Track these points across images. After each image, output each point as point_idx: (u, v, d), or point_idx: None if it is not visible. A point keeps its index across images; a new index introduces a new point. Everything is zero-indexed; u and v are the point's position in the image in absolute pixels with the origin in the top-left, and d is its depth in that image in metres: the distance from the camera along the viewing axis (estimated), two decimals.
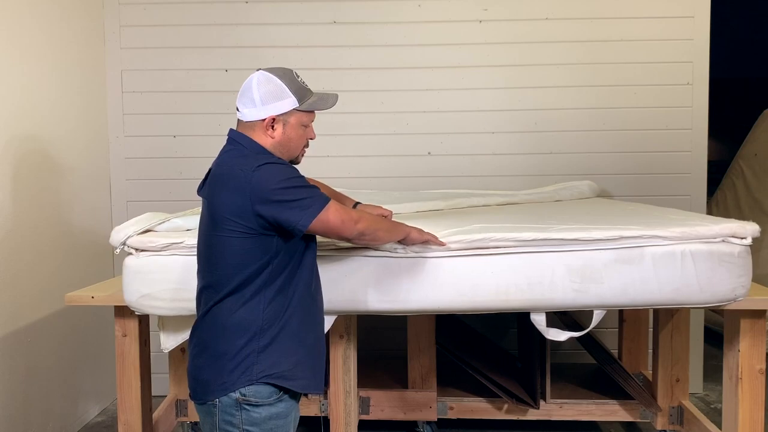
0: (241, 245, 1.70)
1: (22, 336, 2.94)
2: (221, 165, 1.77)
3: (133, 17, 3.81)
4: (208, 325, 1.75)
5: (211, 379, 1.72)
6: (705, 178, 3.80)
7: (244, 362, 1.70)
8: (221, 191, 1.72)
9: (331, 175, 3.75)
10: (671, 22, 3.73)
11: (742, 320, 2.30)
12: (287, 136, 1.80)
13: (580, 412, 3.02)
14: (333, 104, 1.88)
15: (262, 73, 1.80)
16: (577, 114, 3.80)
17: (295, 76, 1.82)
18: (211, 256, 1.75)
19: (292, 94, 1.78)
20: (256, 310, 1.71)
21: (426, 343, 3.04)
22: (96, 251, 3.60)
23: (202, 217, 1.81)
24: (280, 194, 1.68)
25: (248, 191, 1.67)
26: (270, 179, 1.68)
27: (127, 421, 2.45)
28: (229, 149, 1.80)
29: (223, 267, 1.73)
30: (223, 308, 1.72)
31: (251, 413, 1.71)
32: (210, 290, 1.76)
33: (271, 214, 1.67)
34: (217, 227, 1.72)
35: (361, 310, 2.21)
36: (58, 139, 3.29)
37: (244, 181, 1.68)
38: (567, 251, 2.13)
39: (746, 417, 2.31)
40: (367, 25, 3.80)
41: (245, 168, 1.69)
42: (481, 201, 3.13)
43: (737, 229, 2.14)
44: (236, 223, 1.69)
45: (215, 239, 1.73)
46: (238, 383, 1.70)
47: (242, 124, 1.82)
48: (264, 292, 1.72)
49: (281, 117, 1.78)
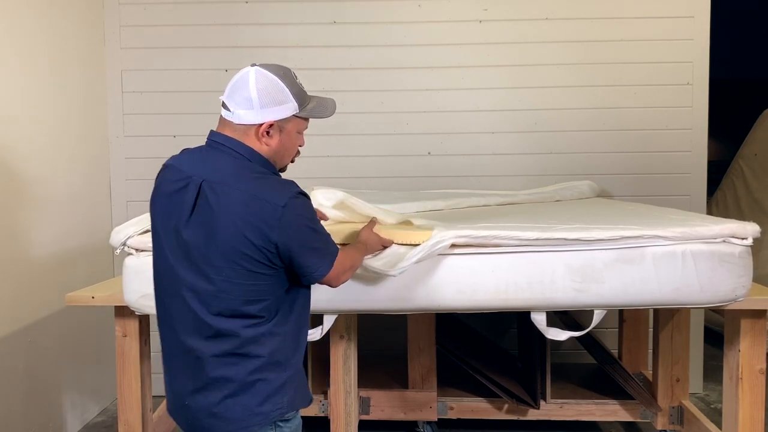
0: (257, 279, 1.55)
1: (22, 336, 2.94)
2: (234, 186, 1.52)
3: (133, 17, 3.80)
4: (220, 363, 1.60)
5: (245, 416, 1.60)
6: (705, 178, 3.80)
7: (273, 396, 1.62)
8: (238, 220, 1.51)
9: (331, 175, 3.76)
10: (671, 22, 3.73)
11: (743, 320, 2.30)
12: (283, 144, 1.63)
13: (581, 412, 3.02)
14: (332, 113, 1.74)
15: (259, 71, 1.59)
16: (577, 114, 3.80)
17: (294, 77, 1.65)
18: (211, 293, 1.56)
19: (293, 97, 1.61)
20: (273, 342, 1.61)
21: (426, 343, 3.04)
22: (96, 251, 3.60)
23: (188, 245, 1.56)
24: (308, 237, 1.57)
25: (276, 227, 1.50)
26: (302, 216, 1.55)
27: (127, 421, 2.45)
28: (227, 160, 1.58)
29: (236, 301, 1.56)
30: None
31: (284, 429, 1.66)
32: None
33: (291, 254, 1.55)
34: (228, 258, 1.53)
35: (362, 309, 2.22)
36: (57, 139, 3.29)
37: (272, 215, 1.50)
38: (568, 251, 2.13)
39: (746, 417, 2.32)
40: (367, 25, 3.79)
41: (273, 200, 1.51)
42: (481, 201, 3.13)
43: (737, 230, 2.14)
44: (255, 257, 1.53)
45: (217, 277, 1.54)
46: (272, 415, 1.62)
47: (230, 125, 1.61)
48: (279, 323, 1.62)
49: (278, 123, 1.61)
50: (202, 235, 1.54)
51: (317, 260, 1.59)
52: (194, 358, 1.59)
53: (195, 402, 1.61)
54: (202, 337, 1.58)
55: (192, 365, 1.60)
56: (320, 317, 2.31)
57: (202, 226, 1.54)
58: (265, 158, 1.62)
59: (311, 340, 2.32)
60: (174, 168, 1.63)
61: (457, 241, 2.12)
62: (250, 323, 1.57)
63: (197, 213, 1.55)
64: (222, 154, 1.59)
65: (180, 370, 1.64)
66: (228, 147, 1.59)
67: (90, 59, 3.67)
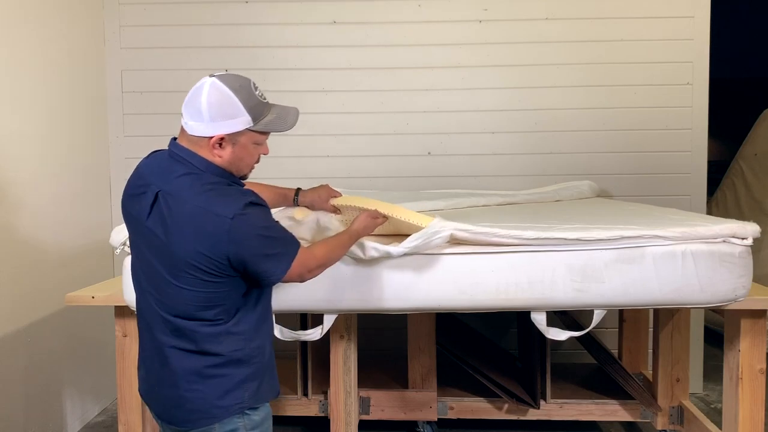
0: (210, 288, 1.59)
1: (22, 336, 2.94)
2: (185, 200, 1.56)
3: (133, 17, 3.80)
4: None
5: (206, 406, 1.66)
6: (705, 178, 3.80)
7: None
8: (187, 234, 1.54)
9: (331, 175, 3.76)
10: (671, 22, 3.73)
11: (743, 320, 2.30)
12: (236, 155, 1.63)
13: (581, 412, 3.02)
14: (292, 125, 1.70)
15: (214, 83, 1.59)
16: (577, 114, 3.80)
17: (253, 89, 1.62)
18: (174, 294, 1.61)
19: (247, 111, 1.59)
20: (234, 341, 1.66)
21: (426, 343, 3.04)
22: (96, 251, 3.60)
23: (148, 248, 1.63)
24: (260, 245, 1.58)
25: (225, 239, 1.53)
26: (252, 225, 1.56)
27: (127, 421, 2.45)
28: (182, 173, 1.60)
29: (190, 306, 1.61)
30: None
31: (252, 416, 1.71)
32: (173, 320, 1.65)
33: (245, 264, 1.57)
34: (179, 269, 1.57)
35: (362, 308, 2.22)
36: (57, 139, 3.29)
37: (220, 228, 1.52)
38: (568, 251, 2.13)
39: (746, 417, 2.31)
40: (367, 25, 3.79)
41: (222, 212, 1.53)
42: (481, 201, 3.13)
43: (738, 230, 2.14)
44: (206, 269, 1.56)
45: (176, 281, 1.59)
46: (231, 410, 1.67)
47: (186, 135, 1.63)
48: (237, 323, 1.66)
49: (230, 136, 1.60)
50: (157, 243, 1.60)
51: (272, 265, 1.61)
52: (160, 349, 1.67)
53: (161, 391, 1.69)
54: (165, 331, 1.65)
55: (158, 356, 1.67)
56: (320, 317, 2.31)
57: (156, 236, 1.60)
58: (220, 168, 1.63)
59: (311, 339, 2.33)
60: (139, 171, 1.69)
61: (456, 233, 2.11)
62: (207, 324, 1.62)
63: (152, 220, 1.60)
64: (178, 165, 1.62)
65: (149, 360, 1.71)
66: (183, 157, 1.62)
67: (90, 59, 3.67)
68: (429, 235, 2.07)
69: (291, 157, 3.78)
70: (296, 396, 3.02)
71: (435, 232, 2.08)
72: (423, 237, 2.07)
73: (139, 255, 1.69)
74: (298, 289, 2.12)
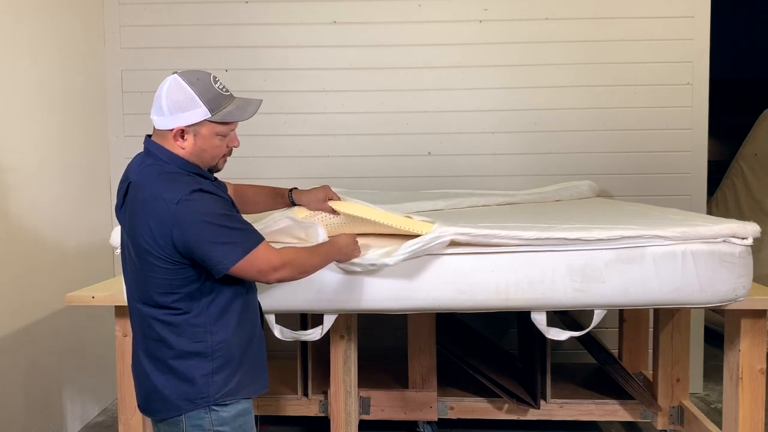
0: (165, 274, 1.65)
1: (22, 336, 2.94)
2: (143, 187, 1.67)
3: (133, 17, 3.80)
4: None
5: (172, 397, 1.71)
6: (705, 178, 3.80)
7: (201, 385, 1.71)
8: (141, 219, 1.64)
9: (331, 175, 3.76)
10: (671, 22, 3.73)
11: (743, 320, 2.30)
12: (199, 147, 1.70)
13: (581, 412, 3.02)
14: (252, 114, 1.74)
15: (174, 79, 1.67)
16: (577, 114, 3.80)
17: (211, 82, 1.69)
18: (141, 280, 1.70)
19: (204, 104, 1.65)
20: (199, 334, 1.70)
21: (426, 343, 3.04)
22: (96, 251, 3.60)
23: (125, 239, 1.75)
24: (206, 231, 1.61)
25: (170, 223, 1.60)
26: (197, 212, 1.61)
27: (127, 421, 2.45)
28: (148, 164, 1.71)
29: (152, 292, 1.69)
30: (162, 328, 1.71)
31: (220, 413, 1.72)
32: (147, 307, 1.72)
33: (190, 249, 1.62)
34: (139, 255, 1.66)
35: (362, 308, 2.21)
36: (57, 139, 3.29)
37: (167, 212, 1.60)
38: (568, 251, 2.13)
39: (747, 417, 2.31)
40: (367, 25, 3.79)
41: (168, 197, 1.61)
42: (481, 201, 3.13)
43: (738, 230, 2.14)
44: (157, 254, 1.63)
45: (140, 266, 1.68)
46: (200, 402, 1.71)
47: (155, 130, 1.74)
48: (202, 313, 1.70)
49: (191, 128, 1.67)
50: (127, 231, 1.73)
51: (219, 254, 1.63)
52: (136, 339, 1.78)
53: (138, 381, 1.79)
54: (137, 320, 1.76)
55: (136, 345, 1.79)
56: (320, 317, 2.31)
57: (125, 225, 1.74)
58: (183, 159, 1.71)
59: (311, 340, 2.33)
60: (126, 169, 1.81)
61: (457, 238, 2.12)
62: (168, 313, 1.69)
63: (123, 210, 1.74)
64: (148, 158, 1.73)
65: (134, 350, 1.81)
66: (151, 151, 1.73)
67: (90, 59, 3.67)
68: (429, 240, 2.08)
69: (291, 157, 3.79)
70: (296, 396, 3.02)
71: (435, 238, 2.09)
72: (422, 242, 2.08)
73: (123, 249, 1.80)
74: (299, 289, 2.12)
